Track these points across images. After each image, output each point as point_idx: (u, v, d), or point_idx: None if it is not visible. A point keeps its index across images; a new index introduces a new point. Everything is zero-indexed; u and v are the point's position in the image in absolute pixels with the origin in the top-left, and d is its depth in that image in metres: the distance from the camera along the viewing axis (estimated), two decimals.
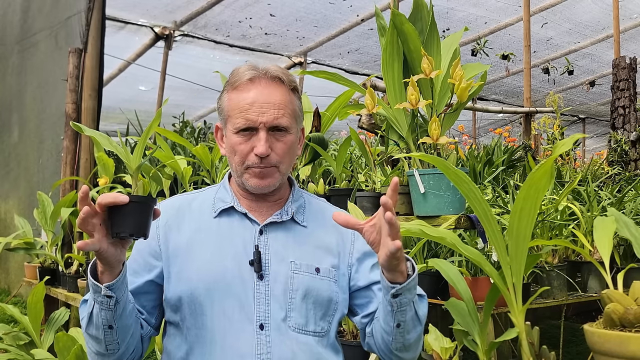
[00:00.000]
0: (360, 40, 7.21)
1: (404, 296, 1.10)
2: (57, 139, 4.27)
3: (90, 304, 1.10)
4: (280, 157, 1.21)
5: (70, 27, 4.23)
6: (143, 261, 1.24)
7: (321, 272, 1.23)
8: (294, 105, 1.25)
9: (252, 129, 1.19)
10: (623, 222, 1.55)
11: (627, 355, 1.23)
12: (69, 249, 3.63)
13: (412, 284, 1.11)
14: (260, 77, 1.22)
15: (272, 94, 1.21)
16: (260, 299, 1.17)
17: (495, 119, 10.20)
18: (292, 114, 1.24)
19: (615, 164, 4.41)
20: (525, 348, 1.51)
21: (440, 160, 1.47)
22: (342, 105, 2.59)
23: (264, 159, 1.19)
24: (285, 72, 1.26)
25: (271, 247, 1.23)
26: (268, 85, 1.22)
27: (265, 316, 1.17)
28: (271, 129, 1.20)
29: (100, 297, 1.07)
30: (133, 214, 1.01)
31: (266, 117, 1.19)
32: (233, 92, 1.23)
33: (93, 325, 1.11)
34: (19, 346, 2.65)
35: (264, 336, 1.16)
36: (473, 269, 2.16)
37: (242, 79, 1.22)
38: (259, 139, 1.18)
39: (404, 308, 1.12)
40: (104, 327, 1.11)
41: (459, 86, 1.89)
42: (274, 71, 1.23)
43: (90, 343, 1.16)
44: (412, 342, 1.19)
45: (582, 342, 2.18)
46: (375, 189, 2.34)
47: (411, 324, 1.16)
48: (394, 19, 1.95)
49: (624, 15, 6.56)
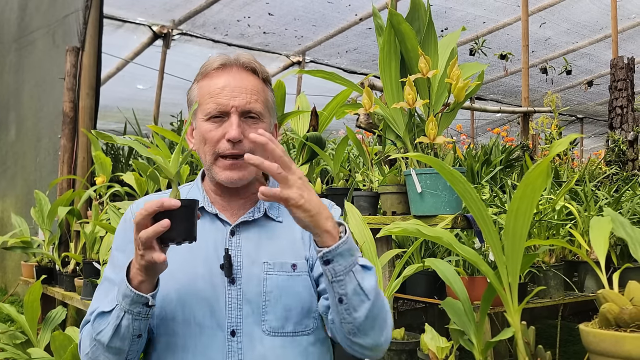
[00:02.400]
0: (359, 40, 7.22)
1: (337, 262, 1.00)
2: (55, 138, 4.26)
3: (119, 316, 1.04)
4: (253, 144, 1.10)
5: (68, 26, 4.22)
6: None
7: (298, 267, 1.17)
8: (267, 95, 1.21)
9: (224, 114, 1.15)
10: (619, 222, 1.55)
11: (622, 355, 1.23)
12: (66, 247, 3.62)
13: (345, 248, 1.00)
14: (231, 64, 1.19)
15: (244, 80, 1.17)
16: (232, 304, 1.13)
17: (493, 118, 10.21)
18: (265, 103, 1.19)
19: (613, 164, 4.42)
20: (521, 347, 1.51)
21: (436, 161, 1.47)
22: (340, 104, 2.59)
23: (236, 144, 1.13)
24: (258, 62, 1.22)
25: (243, 248, 1.17)
26: (240, 72, 1.18)
27: (237, 322, 1.12)
28: (243, 114, 1.15)
29: (139, 307, 1.02)
30: (183, 218, 0.98)
31: (238, 101, 1.14)
32: (204, 80, 1.19)
33: (119, 337, 1.05)
34: (16, 345, 2.65)
35: (235, 343, 1.11)
36: (470, 269, 2.16)
37: (212, 66, 1.19)
38: (231, 123, 1.13)
39: (341, 278, 1.01)
40: (133, 337, 1.06)
41: (456, 86, 1.89)
42: (245, 59, 1.20)
43: (103, 356, 1.08)
44: (364, 323, 1.05)
45: (578, 342, 2.19)
46: (372, 189, 2.34)
47: (356, 300, 1.03)
48: (391, 18, 1.95)
49: (622, 15, 6.57)
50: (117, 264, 1.18)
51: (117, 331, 1.04)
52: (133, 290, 1.02)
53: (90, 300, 3.19)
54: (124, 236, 1.21)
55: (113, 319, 1.05)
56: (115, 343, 1.05)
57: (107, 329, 1.05)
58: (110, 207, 2.61)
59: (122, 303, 1.03)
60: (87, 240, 3.04)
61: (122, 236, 1.22)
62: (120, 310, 1.03)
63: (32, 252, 3.61)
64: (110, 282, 1.17)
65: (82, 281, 3.00)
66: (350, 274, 1.02)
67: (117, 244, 1.23)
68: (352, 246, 1.03)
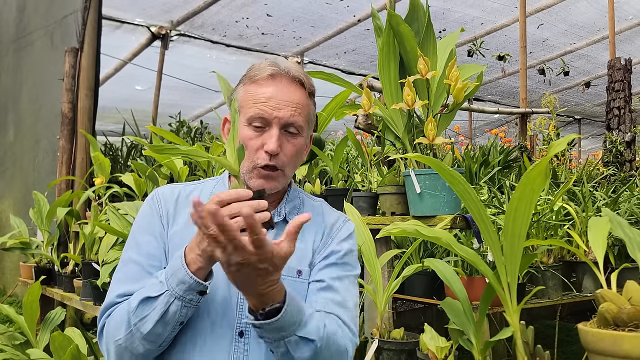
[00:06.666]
0: (357, 41, 7.23)
1: (264, 331, 1.00)
2: (53, 139, 4.26)
3: (168, 302, 1.02)
4: (288, 159, 1.17)
5: (67, 26, 4.22)
6: (159, 246, 1.19)
7: (303, 274, 1.19)
8: (309, 109, 1.22)
9: (265, 123, 1.16)
10: (617, 222, 1.55)
11: (620, 354, 1.24)
12: (65, 248, 3.62)
13: (273, 327, 0.99)
14: (281, 75, 1.19)
15: (291, 93, 1.18)
16: (242, 305, 1.14)
17: (491, 119, 10.24)
18: (307, 118, 1.21)
19: (611, 165, 4.44)
20: (520, 347, 1.52)
21: (435, 161, 1.48)
22: (339, 105, 2.60)
23: (273, 157, 1.15)
24: (307, 75, 1.22)
25: None
26: (288, 85, 1.18)
27: (246, 324, 1.13)
28: (284, 127, 1.17)
29: (193, 294, 1.02)
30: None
31: (282, 113, 1.15)
32: (251, 85, 1.19)
33: (163, 323, 1.03)
34: (15, 346, 2.65)
35: (242, 344, 1.12)
36: (469, 269, 2.17)
37: (262, 74, 1.18)
38: (271, 135, 1.15)
39: (269, 342, 1.03)
40: (176, 324, 1.05)
41: (454, 87, 1.89)
42: (295, 72, 1.20)
43: (138, 343, 1.06)
44: None
45: (577, 342, 2.19)
46: (371, 189, 2.35)
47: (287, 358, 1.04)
48: (390, 19, 1.96)
49: (619, 16, 6.59)
50: (142, 245, 1.18)
51: (162, 317, 1.03)
52: (193, 277, 1.00)
53: (90, 301, 3.14)
54: (151, 218, 1.21)
55: (161, 304, 1.03)
56: (158, 329, 1.04)
57: (153, 315, 1.03)
58: (109, 208, 2.61)
59: (175, 289, 1.02)
60: (86, 241, 3.04)
61: (150, 217, 1.21)
62: (171, 297, 1.02)
63: (30, 253, 3.61)
64: (136, 264, 1.16)
65: (81, 282, 2.99)
66: (280, 342, 1.02)
67: (142, 227, 1.21)
68: (284, 324, 1.00)
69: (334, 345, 1.09)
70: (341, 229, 1.27)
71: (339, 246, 1.23)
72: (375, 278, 1.89)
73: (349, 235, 1.27)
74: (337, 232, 1.26)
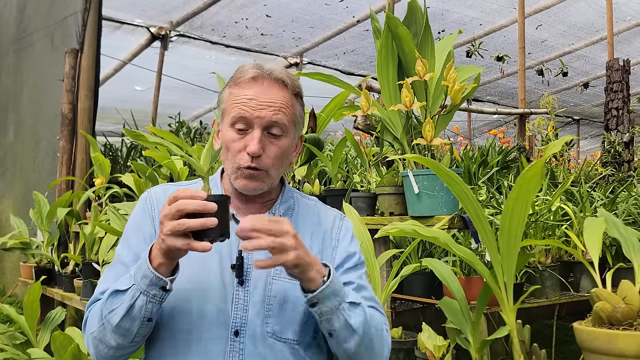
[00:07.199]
0: (356, 42, 7.24)
1: (322, 304, 1.06)
2: (53, 139, 4.27)
3: (134, 296, 1.04)
4: (272, 160, 1.17)
5: (67, 27, 4.23)
6: (147, 248, 1.18)
7: None
8: (295, 109, 1.23)
9: (248, 124, 1.17)
10: (612, 222, 1.57)
11: (615, 353, 1.25)
12: (65, 249, 3.63)
13: (328, 292, 1.06)
14: (263, 77, 1.20)
15: (273, 94, 1.18)
16: (238, 304, 1.15)
17: (490, 120, 10.25)
18: (292, 118, 1.21)
19: (609, 165, 4.45)
20: (516, 346, 1.53)
21: (432, 162, 1.49)
22: (338, 106, 2.61)
23: (255, 158, 1.16)
24: (291, 76, 1.23)
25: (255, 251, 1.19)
26: (270, 86, 1.19)
27: (241, 323, 1.14)
28: (267, 129, 1.17)
29: (155, 289, 1.04)
30: (217, 215, 0.99)
31: (264, 113, 1.16)
32: (234, 87, 1.21)
33: (130, 317, 1.05)
34: (15, 345, 2.66)
35: (237, 343, 1.13)
36: (466, 269, 2.19)
37: (245, 77, 1.20)
38: (253, 137, 1.16)
39: (329, 317, 1.07)
40: (143, 320, 1.06)
41: (452, 88, 1.91)
42: (278, 73, 1.21)
43: (110, 336, 1.09)
44: (355, 353, 1.12)
45: (574, 341, 2.21)
46: (370, 190, 2.36)
47: (344, 334, 1.09)
48: (388, 22, 1.98)
49: (617, 17, 6.60)
50: (132, 246, 1.20)
51: (129, 311, 1.05)
52: (153, 272, 1.03)
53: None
54: (143, 219, 1.23)
55: (127, 298, 1.05)
56: (125, 323, 1.06)
57: (120, 308, 1.06)
58: (109, 208, 2.62)
59: (139, 283, 1.04)
60: (86, 241, 3.06)
61: (141, 219, 1.24)
62: (136, 291, 1.04)
63: (31, 253, 3.62)
64: (122, 264, 1.18)
65: (81, 282, 3.01)
66: (337, 313, 1.08)
67: (134, 229, 1.24)
68: (336, 288, 1.08)
69: (372, 328, 1.14)
70: (342, 229, 1.29)
71: (351, 247, 1.27)
72: (373, 278, 1.90)
73: (352, 235, 1.30)
74: (339, 231, 1.28)
